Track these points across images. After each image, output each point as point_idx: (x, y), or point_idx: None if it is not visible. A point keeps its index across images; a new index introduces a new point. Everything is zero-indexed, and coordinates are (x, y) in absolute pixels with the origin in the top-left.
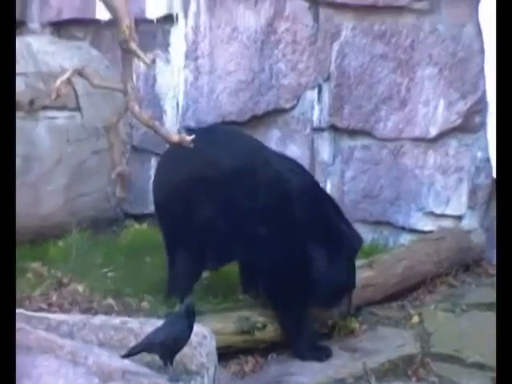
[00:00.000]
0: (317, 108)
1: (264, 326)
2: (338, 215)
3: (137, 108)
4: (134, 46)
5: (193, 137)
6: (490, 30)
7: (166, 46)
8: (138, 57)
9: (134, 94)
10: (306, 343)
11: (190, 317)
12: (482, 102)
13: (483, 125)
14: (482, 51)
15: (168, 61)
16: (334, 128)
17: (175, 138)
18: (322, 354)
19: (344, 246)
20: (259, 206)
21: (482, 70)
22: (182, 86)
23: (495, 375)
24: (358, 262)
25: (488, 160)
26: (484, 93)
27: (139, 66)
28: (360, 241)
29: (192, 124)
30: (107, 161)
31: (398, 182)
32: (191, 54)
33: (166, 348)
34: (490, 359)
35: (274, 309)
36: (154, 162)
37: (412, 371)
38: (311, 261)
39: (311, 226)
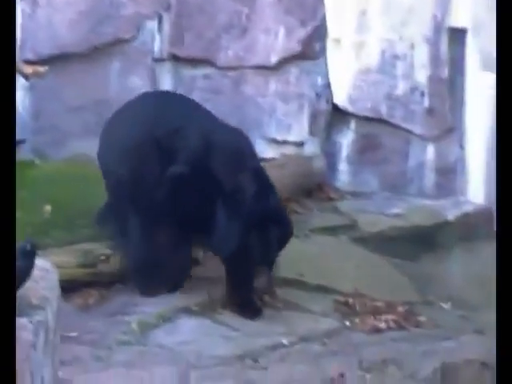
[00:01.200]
0: (157, 38)
1: (108, 259)
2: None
3: None
4: None
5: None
6: None
7: None
8: None
9: None
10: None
11: (30, 252)
12: (321, 28)
13: (323, 51)
14: None
15: None
16: (175, 58)
17: (29, 69)
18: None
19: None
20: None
21: None
22: (18, 19)
23: (339, 298)
24: None
25: (328, 86)
26: (323, 19)
27: None
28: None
29: (30, 56)
30: None
31: (240, 111)
32: None
33: None
34: (332, 282)
35: None
36: None
37: (257, 297)
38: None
39: (224, 182)
